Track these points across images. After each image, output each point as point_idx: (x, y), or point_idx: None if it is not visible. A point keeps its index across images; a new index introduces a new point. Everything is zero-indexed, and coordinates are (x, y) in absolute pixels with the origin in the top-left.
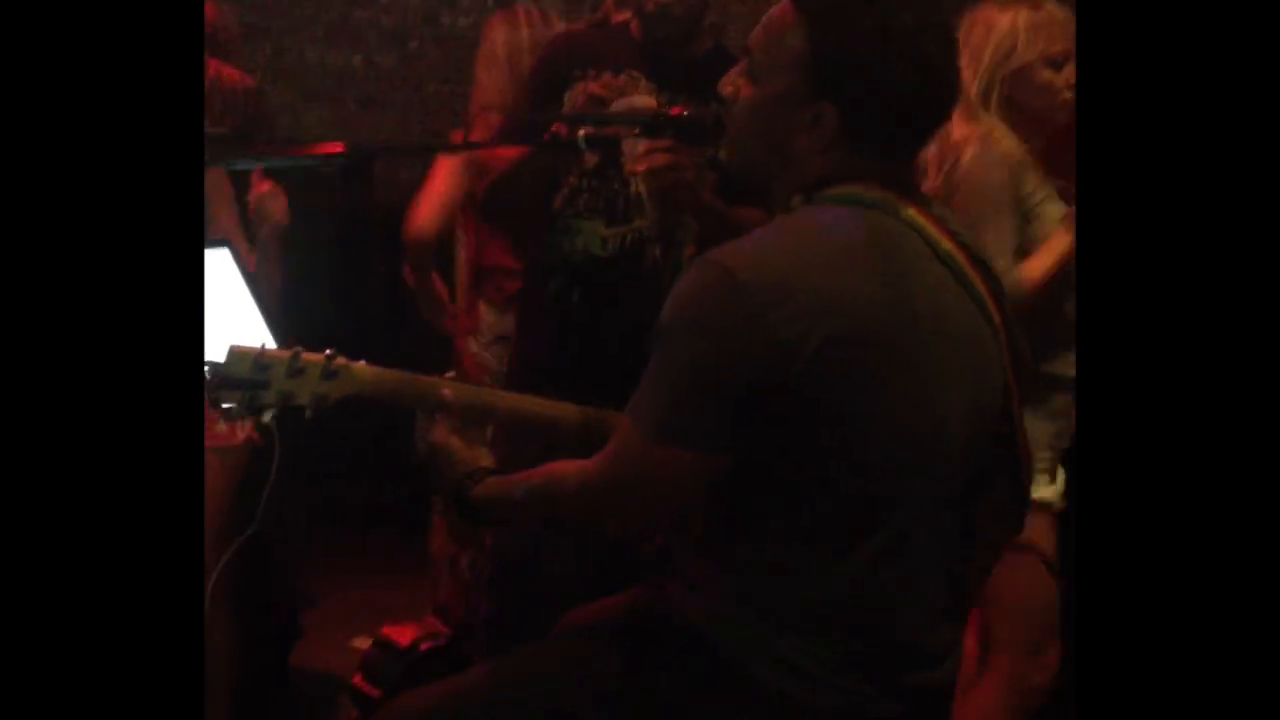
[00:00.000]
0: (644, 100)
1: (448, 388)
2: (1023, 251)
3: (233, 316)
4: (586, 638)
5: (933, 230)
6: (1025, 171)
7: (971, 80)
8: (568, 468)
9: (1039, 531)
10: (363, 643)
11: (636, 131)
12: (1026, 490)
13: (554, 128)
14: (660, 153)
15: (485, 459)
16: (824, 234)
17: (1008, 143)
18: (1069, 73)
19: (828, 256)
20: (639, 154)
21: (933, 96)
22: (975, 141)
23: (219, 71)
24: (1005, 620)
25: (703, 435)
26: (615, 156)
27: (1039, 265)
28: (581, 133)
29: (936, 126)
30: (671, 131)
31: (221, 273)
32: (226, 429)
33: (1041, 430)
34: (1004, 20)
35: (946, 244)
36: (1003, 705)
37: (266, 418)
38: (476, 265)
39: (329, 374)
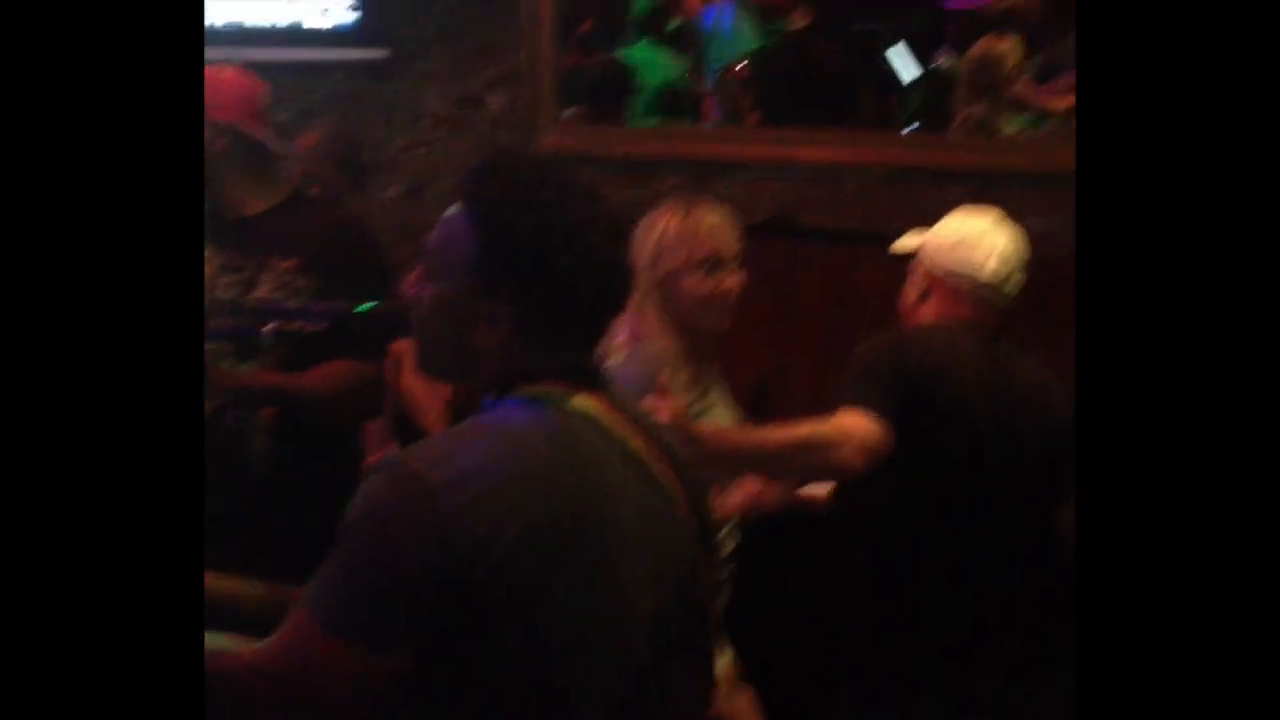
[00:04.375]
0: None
1: None
2: None
3: None
4: None
5: (619, 424)
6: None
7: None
8: (232, 653)
9: None
10: None
11: (324, 327)
12: (713, 671)
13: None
14: None
15: None
16: (516, 435)
17: (654, 348)
18: (722, 277)
19: (519, 458)
20: None
21: (604, 290)
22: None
23: None
24: None
25: (382, 637)
26: None
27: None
28: (268, 328)
29: (613, 316)
30: (357, 327)
31: None
32: None
33: None
34: (658, 227)
35: (635, 441)
36: None
37: None
38: None
39: None
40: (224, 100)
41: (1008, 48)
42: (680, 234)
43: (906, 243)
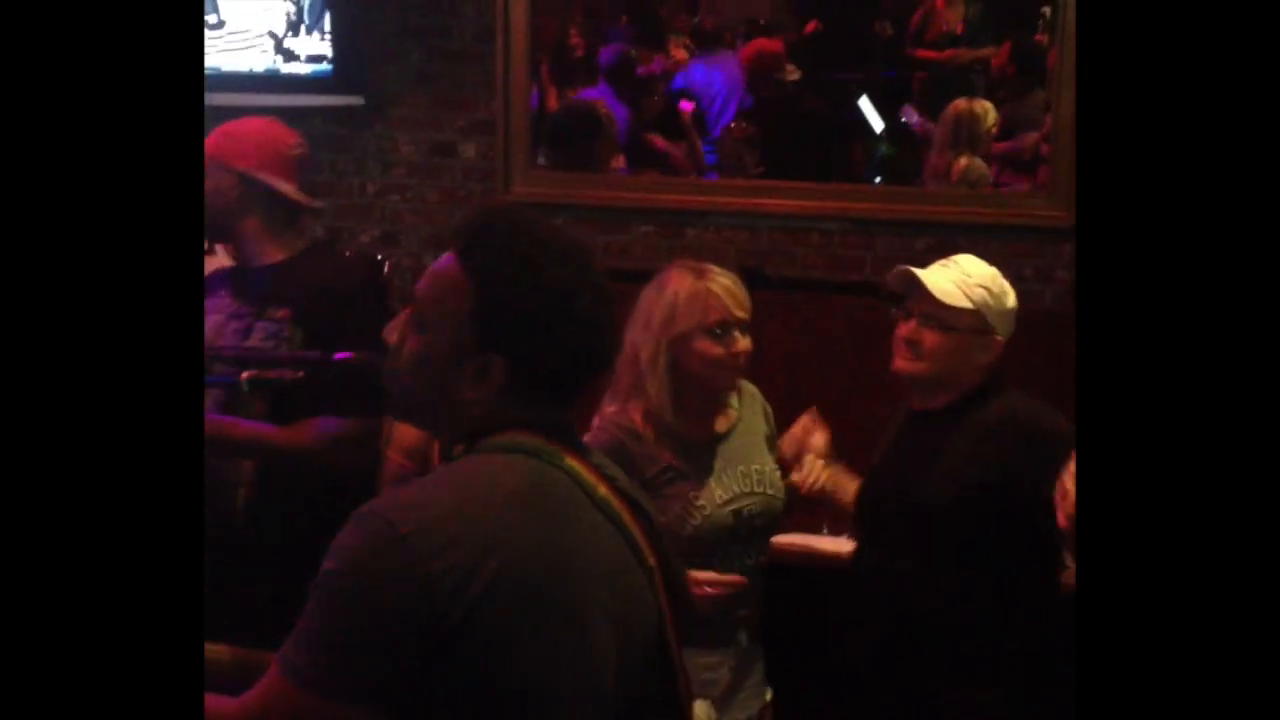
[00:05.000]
0: None
1: None
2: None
3: None
4: None
5: (590, 477)
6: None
7: (643, 344)
8: (215, 706)
9: None
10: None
11: (301, 375)
12: None
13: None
14: None
15: None
16: (487, 482)
17: (612, 432)
18: (733, 341)
19: (490, 504)
20: None
21: (592, 351)
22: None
23: None
24: None
25: (356, 689)
26: None
27: None
28: (244, 376)
29: (596, 377)
30: (335, 376)
31: None
32: None
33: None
34: (669, 290)
35: (603, 490)
36: None
37: None
38: None
39: None
40: (244, 149)
41: (983, 109)
42: (692, 298)
43: (944, 288)
